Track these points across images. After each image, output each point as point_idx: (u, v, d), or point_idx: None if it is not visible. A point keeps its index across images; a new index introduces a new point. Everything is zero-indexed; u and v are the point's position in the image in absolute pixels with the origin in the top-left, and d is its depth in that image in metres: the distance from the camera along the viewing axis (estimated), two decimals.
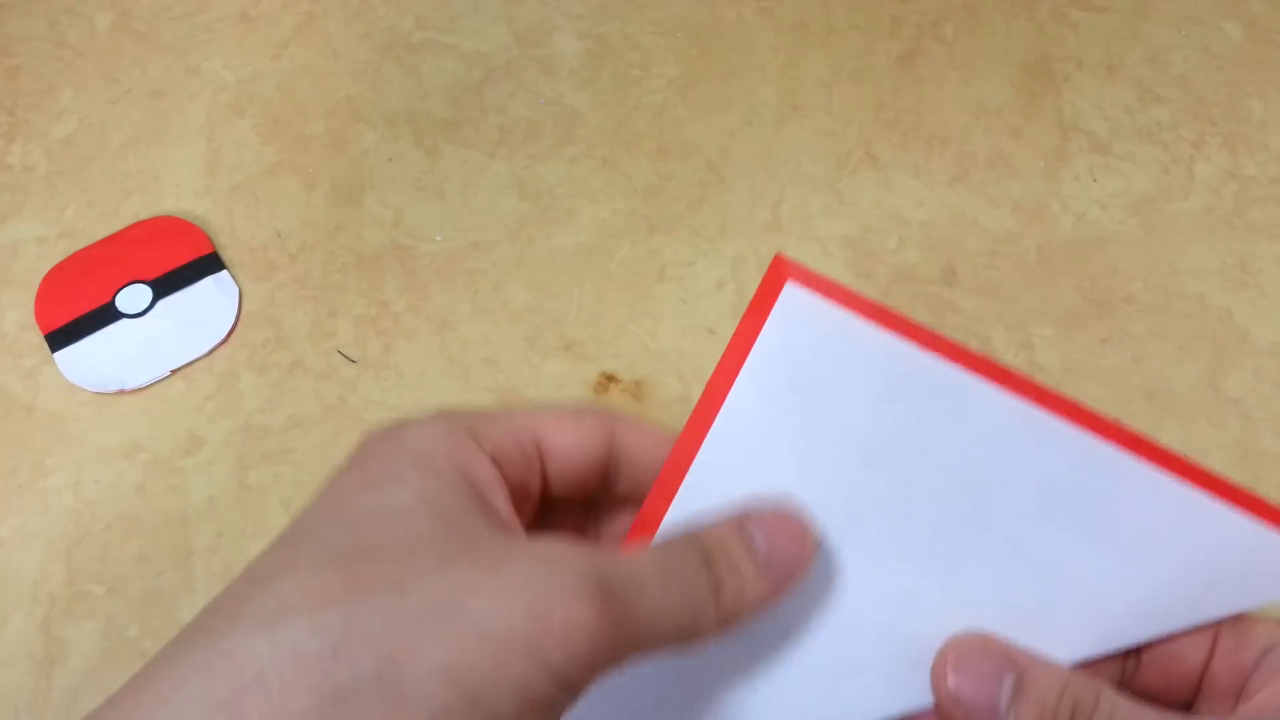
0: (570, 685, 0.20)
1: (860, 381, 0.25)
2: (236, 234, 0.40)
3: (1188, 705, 0.26)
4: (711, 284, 0.39)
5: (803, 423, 0.25)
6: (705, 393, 0.25)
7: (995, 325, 0.38)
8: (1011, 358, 0.37)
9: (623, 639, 0.21)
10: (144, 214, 0.40)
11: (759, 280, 0.40)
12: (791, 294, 0.26)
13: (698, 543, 0.23)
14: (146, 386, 0.37)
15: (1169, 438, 0.35)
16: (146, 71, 0.44)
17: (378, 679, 0.19)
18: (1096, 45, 0.44)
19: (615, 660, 0.21)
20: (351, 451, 0.24)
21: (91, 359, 0.37)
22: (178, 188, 0.41)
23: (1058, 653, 0.24)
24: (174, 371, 0.37)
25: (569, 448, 0.25)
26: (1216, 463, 0.35)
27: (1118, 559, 0.25)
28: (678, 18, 0.45)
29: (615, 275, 0.39)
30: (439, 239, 0.40)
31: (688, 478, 0.25)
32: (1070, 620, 0.25)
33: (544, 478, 0.25)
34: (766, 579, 0.24)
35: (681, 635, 0.23)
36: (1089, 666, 0.25)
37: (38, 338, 0.38)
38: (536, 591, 0.20)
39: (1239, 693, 0.25)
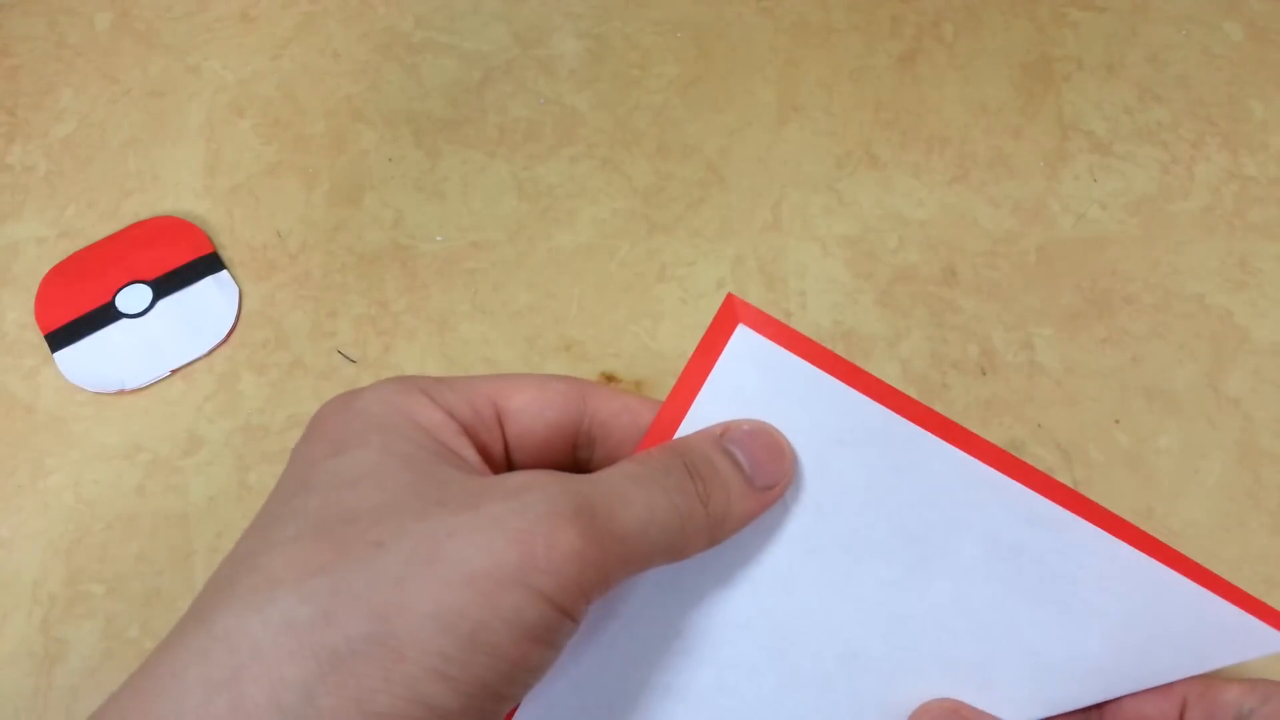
0: (566, 610, 0.20)
1: (809, 428, 0.24)
2: (236, 234, 0.40)
3: None
4: (711, 284, 0.39)
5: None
6: (651, 429, 0.25)
7: (995, 325, 0.38)
8: (1011, 358, 0.37)
9: (610, 556, 0.21)
10: (144, 214, 0.40)
11: (759, 280, 0.40)
12: (743, 336, 0.25)
13: (681, 453, 0.23)
14: (146, 386, 0.37)
15: (1169, 438, 0.35)
16: (146, 71, 0.44)
17: (372, 638, 0.19)
18: (1096, 45, 0.44)
19: (606, 578, 0.21)
20: (309, 424, 0.24)
21: (91, 359, 0.37)
22: (178, 188, 0.41)
23: (1002, 714, 0.24)
24: (174, 371, 0.37)
25: (529, 413, 0.25)
26: (1216, 463, 0.35)
27: (1062, 618, 0.24)
28: (678, 18, 0.45)
29: (615, 275, 0.39)
30: (439, 239, 0.40)
31: None
32: (1014, 680, 0.24)
33: (505, 443, 0.25)
34: (753, 491, 0.24)
35: (670, 548, 0.22)
36: None
37: (38, 338, 0.38)
38: (515, 522, 0.20)
39: None
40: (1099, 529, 0.24)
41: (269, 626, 0.19)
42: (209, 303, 0.38)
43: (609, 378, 0.37)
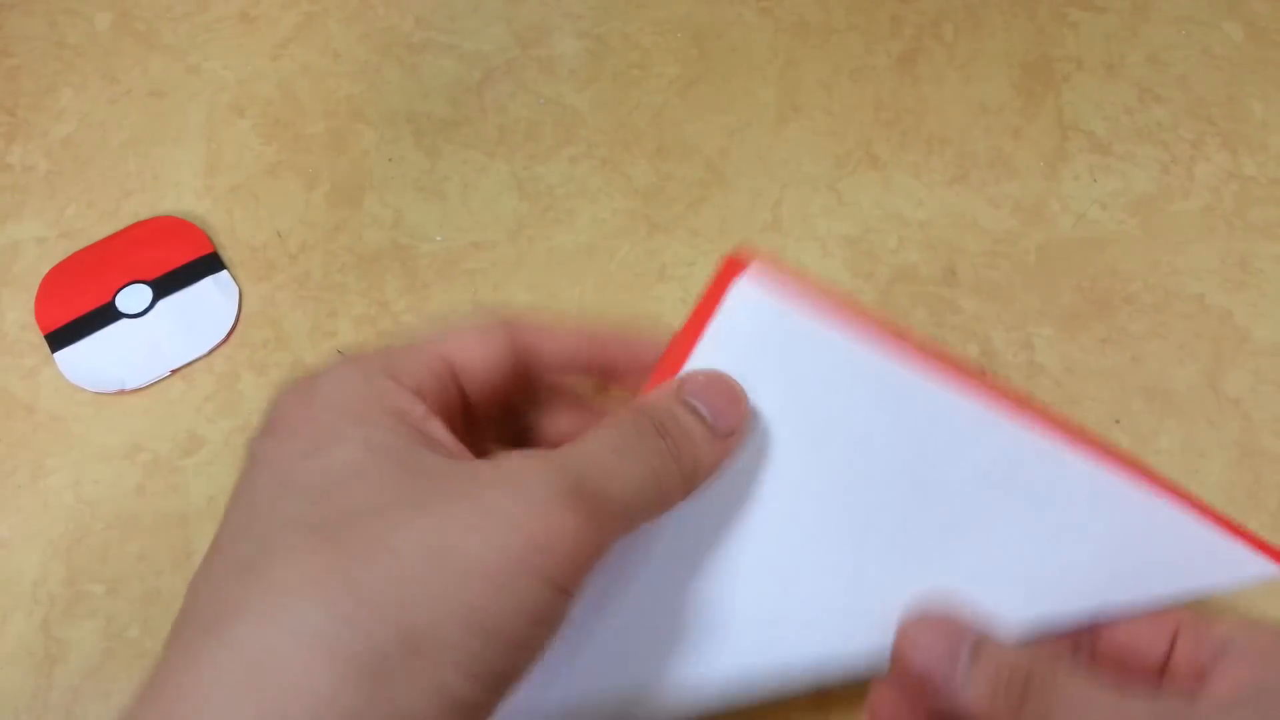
0: (570, 590, 0.21)
1: (809, 370, 0.26)
2: (236, 234, 0.40)
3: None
4: None
5: (752, 406, 0.26)
6: (653, 375, 0.26)
7: (995, 325, 0.38)
8: (1011, 358, 0.37)
9: (605, 529, 0.22)
10: (144, 214, 0.40)
11: None
12: (744, 288, 0.26)
13: (646, 415, 0.24)
14: (146, 386, 0.37)
15: (1169, 438, 0.35)
16: (147, 71, 0.44)
17: (398, 643, 0.19)
18: (1096, 45, 0.44)
19: (602, 550, 0.22)
20: (267, 414, 0.23)
21: (92, 359, 0.37)
22: (178, 188, 0.41)
23: (994, 623, 0.25)
24: (174, 371, 0.37)
25: (479, 364, 0.25)
26: (1216, 463, 0.35)
27: (1052, 539, 0.25)
28: (678, 18, 0.45)
29: (615, 275, 0.39)
30: (439, 239, 0.40)
31: None
32: (1006, 595, 0.25)
33: (463, 397, 0.25)
34: (716, 440, 0.24)
35: (651, 507, 0.23)
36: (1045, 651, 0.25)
37: (38, 338, 0.38)
38: (517, 510, 0.20)
39: (1198, 688, 0.25)
40: (1093, 461, 0.26)
41: (290, 638, 0.19)
42: (209, 303, 0.38)
43: None
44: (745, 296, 0.26)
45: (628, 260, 0.39)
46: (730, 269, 0.26)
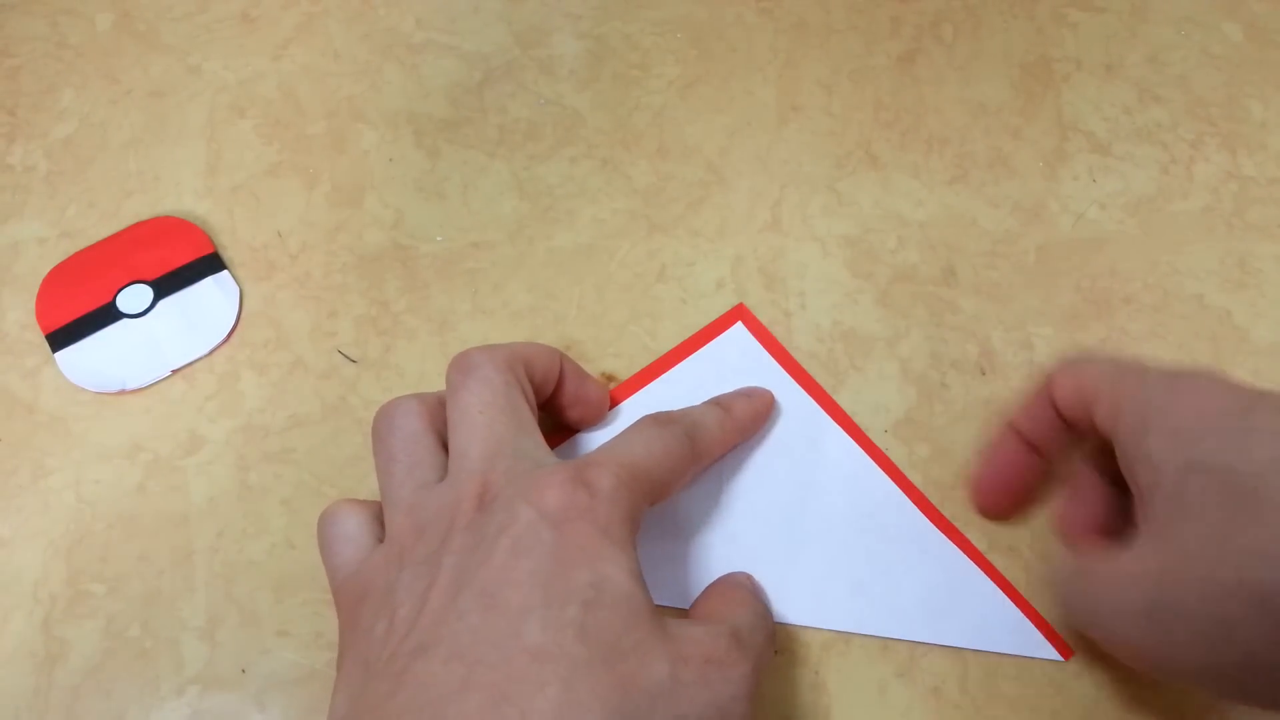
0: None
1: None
2: (237, 234, 0.40)
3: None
4: (711, 284, 0.39)
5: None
6: (642, 373, 0.37)
7: (994, 325, 0.38)
8: (1011, 358, 0.37)
9: (641, 495, 0.28)
10: (145, 214, 0.40)
11: (759, 281, 0.40)
12: (738, 329, 0.38)
13: (660, 415, 0.31)
14: (147, 386, 0.37)
15: None
16: (147, 72, 0.44)
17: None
18: (1096, 45, 0.44)
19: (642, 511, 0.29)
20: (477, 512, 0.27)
21: (92, 359, 0.37)
22: (178, 188, 0.41)
23: (798, 610, 0.33)
24: (175, 371, 0.37)
25: (543, 372, 0.32)
26: None
27: (888, 568, 0.33)
28: (678, 18, 0.45)
29: (615, 275, 0.39)
30: (439, 239, 0.40)
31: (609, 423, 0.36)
32: (829, 594, 0.33)
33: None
34: (729, 424, 0.34)
35: (670, 478, 0.30)
36: None
37: (38, 338, 0.38)
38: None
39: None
40: (936, 527, 0.34)
41: None
42: (210, 303, 0.38)
43: (609, 377, 0.37)
44: (735, 334, 0.37)
45: (628, 260, 0.39)
46: (732, 315, 0.38)
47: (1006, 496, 0.33)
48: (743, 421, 0.34)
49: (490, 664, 0.23)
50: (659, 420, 0.31)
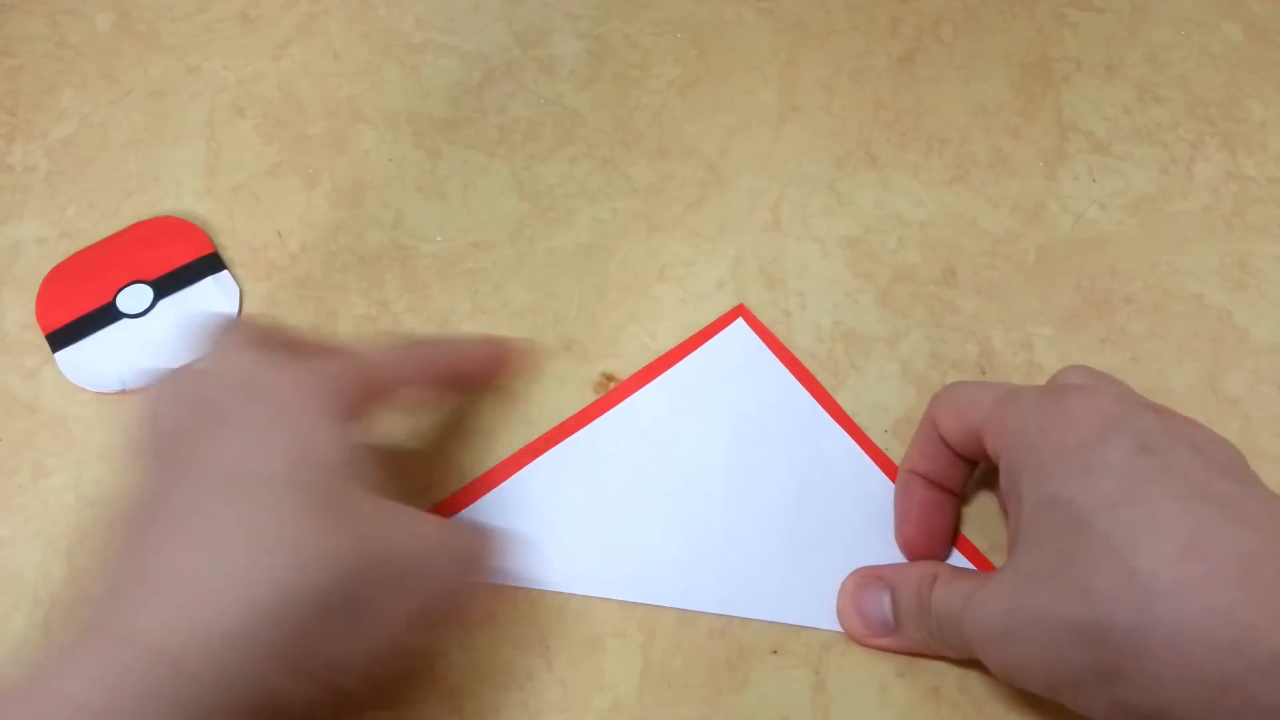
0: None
1: (757, 384, 0.37)
2: (237, 234, 0.40)
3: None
4: (711, 284, 0.39)
5: (708, 400, 0.36)
6: (646, 369, 0.37)
7: (994, 325, 0.38)
8: (1011, 358, 0.37)
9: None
10: (145, 214, 0.40)
11: (759, 281, 0.40)
12: (739, 327, 0.38)
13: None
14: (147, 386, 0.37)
15: None
16: (147, 72, 0.44)
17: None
18: (1096, 45, 0.44)
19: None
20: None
21: (92, 359, 0.37)
22: (178, 188, 0.41)
23: (788, 611, 0.33)
24: None
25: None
26: None
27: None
28: (678, 18, 0.45)
29: (615, 275, 0.39)
30: (439, 239, 0.40)
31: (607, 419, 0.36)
32: (821, 593, 0.33)
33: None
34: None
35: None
36: None
37: (39, 338, 0.38)
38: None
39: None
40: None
41: None
42: (210, 303, 0.38)
43: (609, 377, 0.37)
44: (736, 330, 0.38)
45: (628, 260, 0.39)
46: (733, 314, 0.38)
47: (933, 539, 0.33)
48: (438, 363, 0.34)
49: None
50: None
